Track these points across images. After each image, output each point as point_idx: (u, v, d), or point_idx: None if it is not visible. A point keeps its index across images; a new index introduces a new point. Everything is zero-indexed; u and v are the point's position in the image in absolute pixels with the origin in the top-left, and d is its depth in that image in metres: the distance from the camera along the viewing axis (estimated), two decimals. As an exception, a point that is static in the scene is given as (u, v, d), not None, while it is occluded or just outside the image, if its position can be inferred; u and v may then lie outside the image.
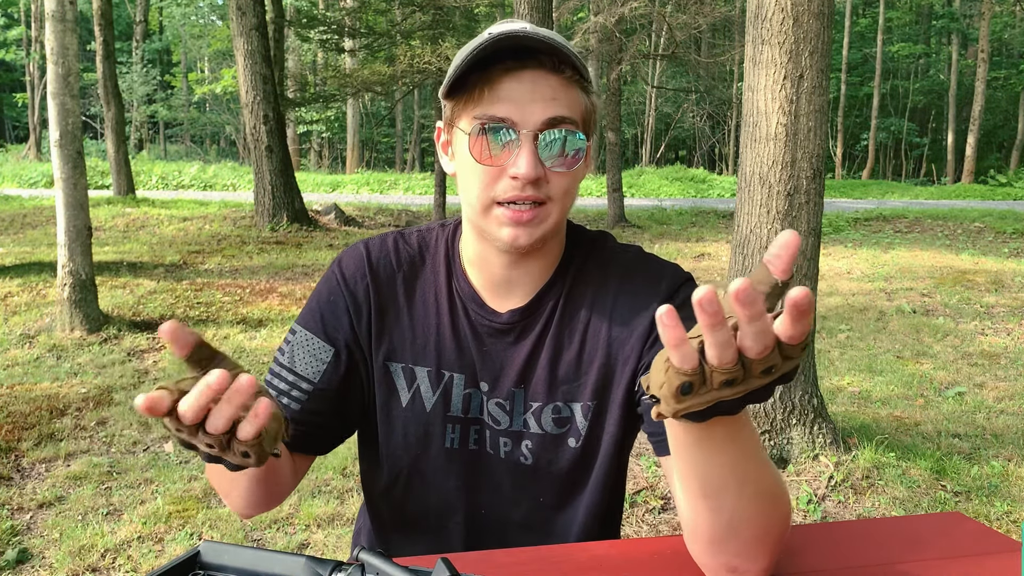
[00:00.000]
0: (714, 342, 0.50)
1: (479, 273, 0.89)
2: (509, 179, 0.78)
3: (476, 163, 0.79)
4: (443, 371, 0.90)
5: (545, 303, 0.89)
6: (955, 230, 10.08)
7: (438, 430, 0.91)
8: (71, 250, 4.58)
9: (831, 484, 2.89)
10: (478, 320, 0.89)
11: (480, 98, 0.79)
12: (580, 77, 0.81)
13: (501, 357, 0.89)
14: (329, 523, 2.63)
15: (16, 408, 3.54)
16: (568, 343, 0.89)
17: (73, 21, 4.59)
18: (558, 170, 0.79)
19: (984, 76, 21.21)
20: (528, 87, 0.78)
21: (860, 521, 0.94)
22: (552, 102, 0.78)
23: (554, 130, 0.78)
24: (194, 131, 30.49)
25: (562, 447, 0.90)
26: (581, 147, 0.80)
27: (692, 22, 11.69)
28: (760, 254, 3.01)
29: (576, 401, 0.89)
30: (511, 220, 0.79)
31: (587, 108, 0.82)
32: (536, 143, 0.77)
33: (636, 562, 0.81)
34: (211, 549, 0.65)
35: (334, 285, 0.91)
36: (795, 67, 2.89)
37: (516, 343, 0.89)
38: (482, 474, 0.92)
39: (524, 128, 0.77)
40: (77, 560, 2.34)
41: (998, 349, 5.00)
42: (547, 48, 0.78)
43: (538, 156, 0.78)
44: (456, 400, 0.90)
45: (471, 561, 0.79)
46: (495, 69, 0.78)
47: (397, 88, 10.45)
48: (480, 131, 0.78)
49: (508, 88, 0.78)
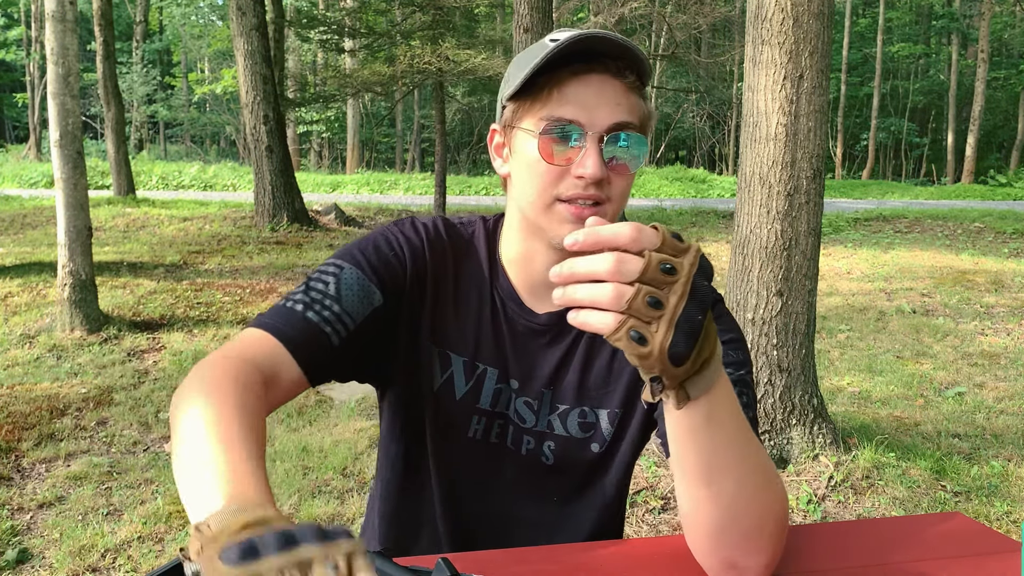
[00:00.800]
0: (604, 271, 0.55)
1: (519, 272, 0.91)
2: (574, 178, 0.81)
3: (542, 161, 0.81)
4: (477, 363, 0.91)
5: None
6: (955, 230, 10.08)
7: (464, 420, 0.92)
8: (71, 250, 4.58)
9: (831, 484, 2.89)
10: (516, 318, 0.91)
11: (548, 99, 0.82)
12: (640, 83, 0.84)
13: (534, 357, 0.92)
14: (329, 523, 2.63)
15: (16, 408, 3.54)
16: (600, 351, 0.91)
17: (73, 21, 4.59)
18: (619, 172, 0.82)
19: (984, 76, 21.21)
20: (595, 91, 0.81)
21: (860, 521, 0.94)
22: (617, 107, 0.81)
23: (619, 133, 0.81)
24: (194, 131, 30.49)
25: (585, 451, 0.93)
26: (644, 151, 0.83)
27: (692, 22, 11.69)
28: (760, 254, 3.01)
29: (603, 408, 0.92)
30: (574, 216, 0.81)
31: (645, 113, 0.85)
32: (602, 145, 0.80)
33: (636, 562, 0.81)
34: (211, 549, 0.65)
35: (396, 243, 0.90)
36: (795, 67, 2.90)
37: (550, 345, 0.92)
38: (498, 468, 0.93)
39: (591, 130, 0.80)
40: (77, 560, 2.34)
41: (998, 349, 5.00)
42: (615, 52, 0.81)
43: (603, 158, 0.80)
44: (487, 393, 0.91)
45: (471, 561, 0.79)
46: (563, 72, 0.81)
47: (397, 88, 10.45)
48: (548, 131, 0.81)
49: (575, 91, 0.81)
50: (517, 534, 0.94)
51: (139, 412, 3.62)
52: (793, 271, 3.00)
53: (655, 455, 3.05)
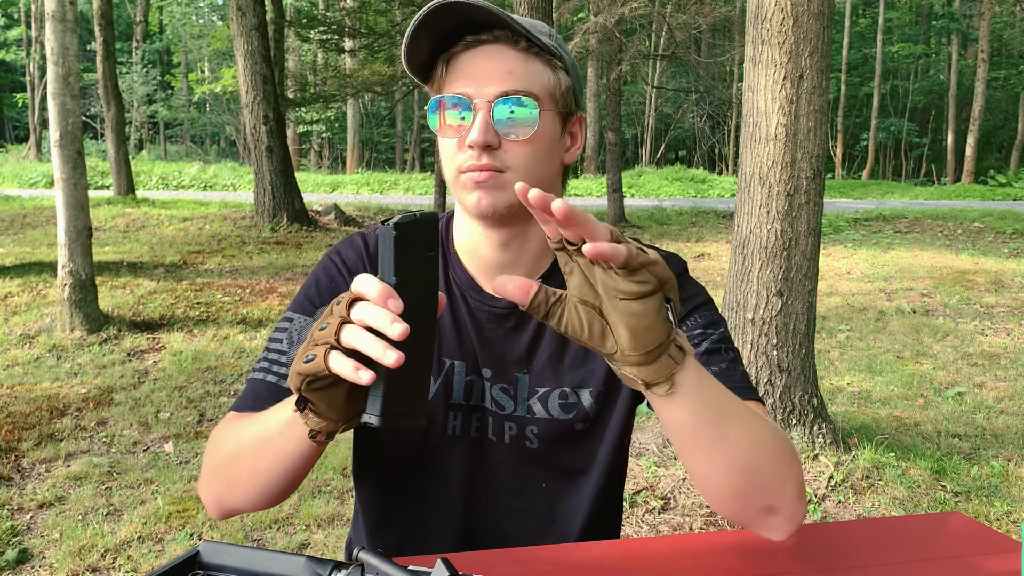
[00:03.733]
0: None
1: (472, 259, 0.91)
2: (467, 149, 0.81)
3: (441, 138, 0.83)
4: (443, 359, 0.90)
5: None
6: (955, 230, 10.08)
7: (440, 418, 0.91)
8: (71, 250, 4.58)
9: (831, 484, 2.89)
10: (477, 307, 0.90)
11: (444, 76, 0.83)
12: (542, 49, 0.83)
13: (502, 343, 0.90)
14: (329, 523, 2.63)
15: (16, 408, 3.54)
16: None
17: (73, 21, 4.59)
18: (512, 138, 0.81)
19: (984, 76, 21.21)
20: (484, 60, 0.81)
21: (860, 521, 0.94)
22: (508, 75, 0.80)
23: (507, 98, 0.80)
24: (194, 131, 30.49)
25: (568, 432, 0.91)
26: (532, 115, 0.81)
27: (692, 22, 11.69)
28: (760, 254, 3.01)
29: (585, 387, 0.90)
30: (472, 183, 0.81)
31: (551, 81, 0.83)
32: (489, 112, 0.80)
33: (636, 562, 0.81)
34: (211, 549, 0.65)
35: (334, 272, 0.92)
36: (795, 67, 2.90)
37: (517, 328, 0.90)
38: (484, 461, 0.92)
39: (477, 99, 0.80)
40: (77, 560, 2.34)
41: (998, 349, 5.00)
42: (497, 22, 0.80)
43: (490, 124, 0.80)
44: (458, 388, 0.90)
45: (471, 561, 0.79)
46: (457, 46, 0.82)
47: (397, 88, 10.45)
48: (440, 107, 0.82)
49: (466, 63, 0.82)
50: (510, 527, 0.93)
51: (139, 412, 3.62)
52: (793, 271, 3.00)
53: (655, 455, 3.05)
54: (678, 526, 2.61)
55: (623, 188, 11.52)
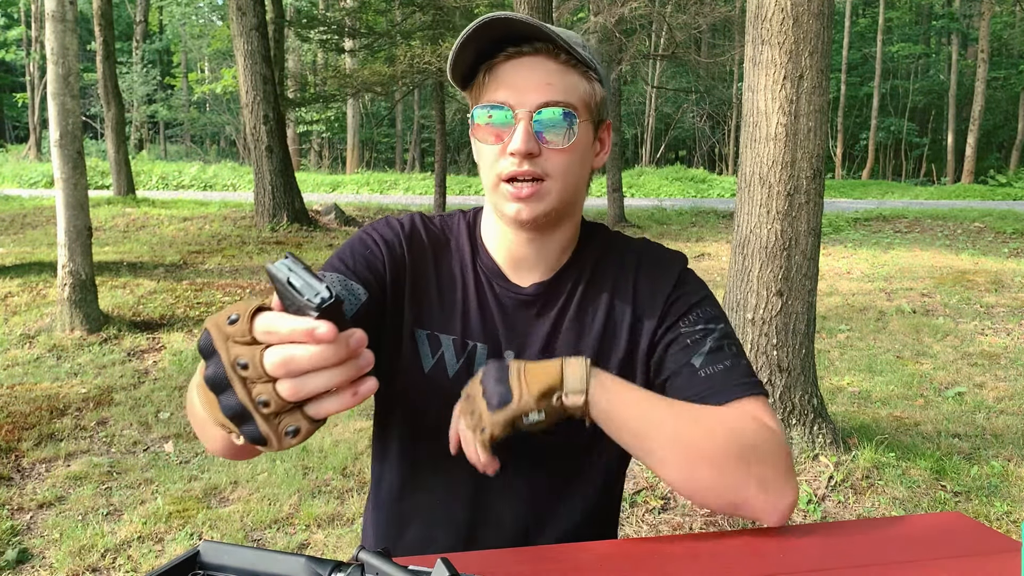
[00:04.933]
0: None
1: (499, 251, 0.94)
2: (509, 157, 0.84)
3: (481, 144, 0.87)
4: (467, 340, 0.93)
5: (566, 280, 0.95)
6: (955, 230, 10.08)
7: (454, 397, 0.91)
8: (71, 250, 4.58)
9: (831, 484, 2.89)
10: (503, 293, 0.94)
11: (484, 86, 0.87)
12: (580, 63, 0.87)
13: (526, 328, 0.94)
14: (329, 523, 2.63)
15: (16, 408, 3.54)
16: (592, 320, 0.94)
17: (73, 21, 4.59)
18: (553, 147, 0.85)
19: (984, 76, 21.21)
20: (526, 71, 0.85)
21: (860, 521, 0.94)
22: (547, 87, 0.84)
23: (547, 109, 0.84)
24: (194, 131, 30.49)
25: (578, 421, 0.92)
26: (574, 125, 0.85)
27: (692, 22, 11.69)
28: (760, 254, 3.01)
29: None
30: (514, 196, 0.85)
31: (587, 92, 0.88)
32: (531, 121, 0.83)
33: (636, 562, 0.81)
34: (211, 549, 0.65)
35: (371, 242, 0.94)
36: (795, 67, 2.89)
37: (540, 315, 0.94)
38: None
39: (519, 108, 0.84)
40: (77, 560, 2.34)
41: (998, 349, 5.00)
42: (539, 35, 0.84)
43: (532, 133, 0.83)
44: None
45: (471, 561, 0.79)
46: (497, 57, 0.86)
47: (397, 88, 10.45)
48: (483, 115, 0.86)
49: (508, 74, 0.85)
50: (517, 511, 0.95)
51: (139, 412, 3.62)
52: (793, 271, 3.00)
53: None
54: (678, 526, 2.61)
55: (623, 188, 11.52)
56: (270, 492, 2.84)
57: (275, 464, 3.08)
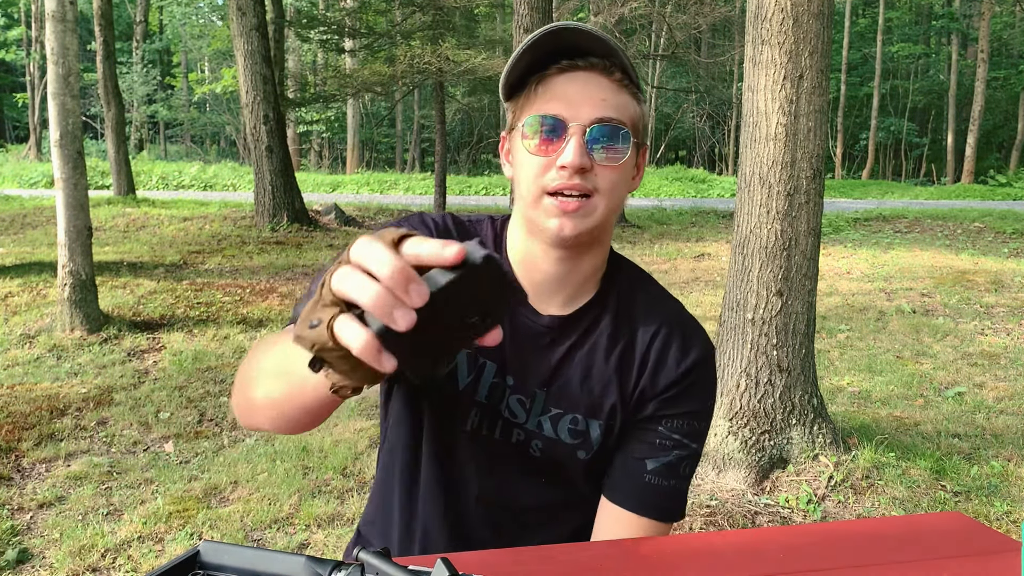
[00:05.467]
0: None
1: (524, 273, 0.92)
2: (557, 169, 0.83)
3: (528, 154, 0.85)
4: (480, 356, 0.92)
5: (585, 319, 0.93)
6: (955, 230, 10.08)
7: (464, 411, 0.92)
8: (71, 250, 4.58)
9: (831, 484, 2.89)
10: (520, 316, 0.92)
11: (535, 97, 0.85)
12: (630, 82, 0.86)
13: (532, 357, 0.92)
14: (329, 523, 2.63)
15: (16, 408, 3.54)
16: (604, 362, 0.92)
17: (73, 21, 4.59)
18: (605, 164, 0.84)
19: (984, 76, 21.20)
20: (580, 86, 0.84)
21: (860, 521, 0.94)
22: (602, 103, 0.83)
23: (602, 125, 0.83)
24: (194, 131, 30.48)
25: (572, 458, 0.93)
26: (627, 143, 0.84)
27: (692, 22, 11.69)
28: (760, 254, 3.01)
29: (596, 418, 0.92)
30: (559, 209, 0.83)
31: (636, 113, 0.87)
32: (584, 136, 0.82)
33: (636, 562, 0.81)
34: (211, 549, 0.65)
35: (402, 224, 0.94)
36: (795, 67, 2.89)
37: (550, 347, 0.92)
38: (493, 459, 0.94)
39: (573, 122, 0.82)
40: (77, 560, 2.34)
41: (998, 349, 5.00)
42: (600, 49, 0.84)
43: (585, 147, 0.82)
44: (484, 386, 0.92)
45: (471, 561, 0.79)
46: (550, 69, 0.85)
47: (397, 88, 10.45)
48: (533, 126, 0.84)
49: (562, 87, 0.84)
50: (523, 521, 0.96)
51: (139, 412, 3.62)
52: (793, 271, 3.00)
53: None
54: (678, 526, 2.61)
55: (623, 188, 11.44)
56: (270, 492, 2.84)
57: (275, 464, 3.08)
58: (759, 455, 2.98)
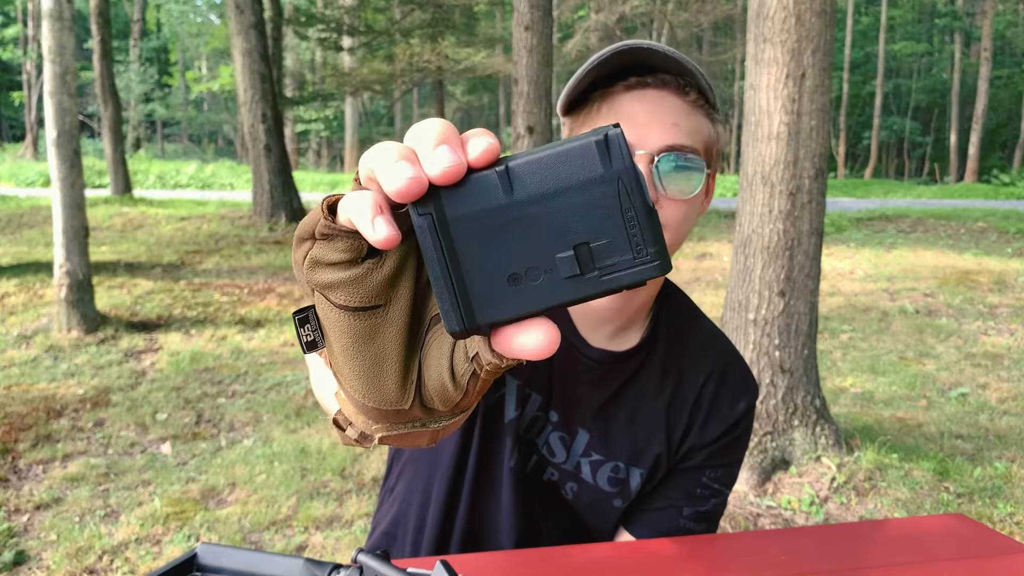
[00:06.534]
0: None
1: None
2: None
3: None
4: (528, 389, 0.87)
5: (636, 357, 0.87)
6: (958, 230, 10.07)
7: (507, 445, 0.87)
8: (68, 250, 4.56)
9: (833, 485, 2.87)
10: (568, 347, 0.86)
11: (596, 115, 0.77)
12: (706, 103, 0.78)
13: (579, 392, 0.87)
14: (328, 525, 2.62)
15: (13, 409, 3.53)
16: (652, 407, 0.88)
17: (70, 20, 4.57)
18: (673, 198, 0.75)
19: (987, 75, 21.21)
20: (650, 107, 0.75)
21: (862, 523, 0.93)
22: (673, 127, 0.74)
23: (672, 155, 0.74)
24: (192, 130, 30.51)
25: (606, 505, 0.90)
26: (700, 173, 0.76)
27: (693, 20, 11.69)
28: (762, 253, 3.00)
29: (638, 466, 0.88)
30: None
31: (710, 137, 0.79)
32: (652, 166, 0.74)
33: (636, 562, 0.79)
34: (208, 551, 0.65)
35: None
36: (797, 66, 2.88)
37: (597, 385, 0.87)
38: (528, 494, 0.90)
39: (640, 149, 0.74)
40: (74, 562, 2.32)
41: (1001, 350, 4.99)
42: (674, 67, 0.75)
43: (652, 179, 0.74)
44: (527, 418, 0.87)
45: (470, 563, 0.78)
46: (616, 86, 0.76)
47: (396, 87, 10.45)
48: None
49: (628, 107, 0.75)
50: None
51: (136, 413, 3.61)
52: (795, 271, 2.98)
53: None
54: (679, 527, 2.59)
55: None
56: (268, 494, 2.82)
57: (273, 466, 3.07)
58: (761, 456, 2.96)
